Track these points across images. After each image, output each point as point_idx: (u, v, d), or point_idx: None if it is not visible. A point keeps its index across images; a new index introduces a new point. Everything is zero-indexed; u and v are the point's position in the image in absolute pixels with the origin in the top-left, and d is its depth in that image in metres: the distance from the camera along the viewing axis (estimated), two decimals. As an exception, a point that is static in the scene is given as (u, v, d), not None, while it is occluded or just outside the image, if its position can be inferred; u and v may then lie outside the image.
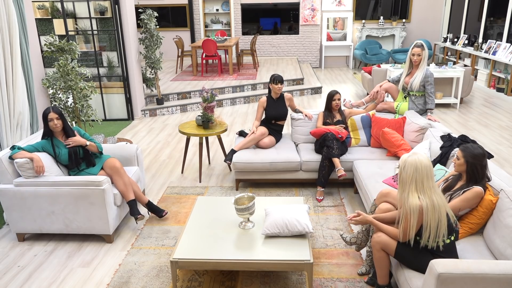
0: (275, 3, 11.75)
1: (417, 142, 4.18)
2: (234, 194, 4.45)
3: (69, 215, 3.52)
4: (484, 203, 2.75)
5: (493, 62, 8.73)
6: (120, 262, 3.35)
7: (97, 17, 6.93)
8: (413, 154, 2.46)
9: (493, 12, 9.38)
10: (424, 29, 11.91)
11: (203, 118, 4.66)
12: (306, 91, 8.93)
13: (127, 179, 3.71)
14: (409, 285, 2.45)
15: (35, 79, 4.45)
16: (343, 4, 11.68)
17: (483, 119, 6.97)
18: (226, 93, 8.49)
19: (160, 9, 11.80)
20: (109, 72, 7.19)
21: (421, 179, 2.41)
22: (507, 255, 2.47)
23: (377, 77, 7.62)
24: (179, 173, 5.04)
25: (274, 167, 4.36)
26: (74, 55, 4.72)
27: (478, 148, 2.77)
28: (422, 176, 2.41)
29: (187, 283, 3.07)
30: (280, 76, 4.52)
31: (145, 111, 7.50)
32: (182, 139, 6.26)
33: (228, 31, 12.16)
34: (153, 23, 6.87)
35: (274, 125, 4.72)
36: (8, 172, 3.48)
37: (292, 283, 3.05)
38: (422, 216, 2.42)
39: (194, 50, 9.37)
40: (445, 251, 2.48)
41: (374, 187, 3.65)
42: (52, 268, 3.31)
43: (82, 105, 4.83)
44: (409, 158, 2.44)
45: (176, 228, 3.82)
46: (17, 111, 3.91)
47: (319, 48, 12.07)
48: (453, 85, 7.59)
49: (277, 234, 2.95)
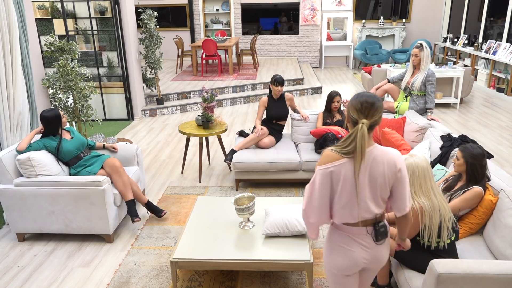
0: (275, 3, 11.75)
1: (417, 142, 4.18)
2: (234, 194, 4.45)
3: (69, 215, 3.52)
4: (484, 203, 2.75)
5: (493, 62, 8.73)
6: (120, 262, 3.35)
7: (97, 17, 6.92)
8: (410, 156, 2.44)
9: (493, 12, 9.38)
10: (424, 29, 11.91)
11: (203, 118, 4.66)
12: (306, 91, 8.93)
13: (127, 179, 3.71)
14: (409, 285, 2.46)
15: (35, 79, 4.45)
16: (343, 4, 11.68)
17: (483, 119, 6.97)
18: (226, 93, 8.49)
19: (160, 9, 11.80)
20: (109, 72, 7.19)
21: (419, 182, 2.41)
22: (507, 255, 2.47)
23: (377, 77, 7.62)
24: (179, 173, 5.04)
25: (274, 167, 4.36)
26: (74, 55, 4.72)
27: (477, 148, 2.77)
28: (419, 179, 2.40)
29: (187, 283, 3.07)
30: (281, 77, 4.50)
31: (145, 111, 7.50)
32: (182, 139, 6.26)
33: (228, 31, 12.16)
34: (153, 23, 6.87)
35: (274, 125, 4.72)
36: (8, 172, 3.48)
37: (292, 283, 3.05)
38: (421, 218, 2.42)
39: (194, 50, 9.37)
40: (445, 251, 2.48)
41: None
42: (52, 268, 3.31)
43: (82, 105, 4.83)
44: (406, 161, 2.42)
45: (176, 228, 3.82)
46: (17, 111, 3.91)
47: (319, 48, 12.07)
48: (453, 85, 7.59)
49: (277, 234, 2.95)
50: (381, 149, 1.89)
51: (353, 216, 1.92)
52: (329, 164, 1.87)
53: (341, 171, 1.86)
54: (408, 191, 1.94)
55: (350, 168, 1.85)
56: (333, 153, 1.88)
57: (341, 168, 1.86)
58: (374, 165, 1.86)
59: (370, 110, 1.83)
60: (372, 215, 1.93)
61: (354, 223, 1.94)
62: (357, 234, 1.96)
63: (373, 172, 1.86)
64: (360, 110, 1.84)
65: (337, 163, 1.86)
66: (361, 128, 1.80)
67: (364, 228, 1.95)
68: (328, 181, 1.89)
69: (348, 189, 1.87)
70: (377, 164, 1.86)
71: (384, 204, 1.95)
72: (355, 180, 1.85)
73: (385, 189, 1.90)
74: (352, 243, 1.97)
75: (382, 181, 1.88)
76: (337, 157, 1.87)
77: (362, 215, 1.91)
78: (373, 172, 1.86)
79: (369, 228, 1.96)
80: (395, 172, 1.88)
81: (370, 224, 1.96)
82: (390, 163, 1.87)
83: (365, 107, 1.84)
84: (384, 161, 1.87)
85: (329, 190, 1.91)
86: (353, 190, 1.87)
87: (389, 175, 1.88)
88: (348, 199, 1.89)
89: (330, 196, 1.92)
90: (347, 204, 1.90)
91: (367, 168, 1.86)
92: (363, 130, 1.80)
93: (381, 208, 1.94)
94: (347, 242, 1.98)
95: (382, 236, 1.96)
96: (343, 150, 1.86)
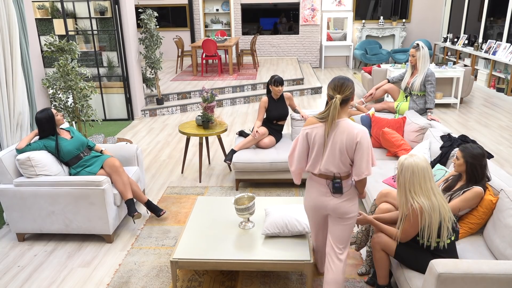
0: (275, 3, 11.75)
1: (417, 142, 4.18)
2: (234, 194, 4.45)
3: (69, 215, 3.52)
4: (484, 203, 2.75)
5: (493, 62, 8.73)
6: (120, 262, 3.35)
7: (97, 17, 6.93)
8: (410, 156, 2.45)
9: (493, 12, 9.38)
10: (424, 29, 11.91)
11: (203, 118, 4.66)
12: (306, 91, 8.93)
13: (126, 178, 3.72)
14: (409, 285, 2.46)
15: (35, 79, 4.45)
16: (343, 4, 11.68)
17: (483, 119, 6.97)
18: (226, 93, 8.49)
19: (160, 9, 11.80)
20: (109, 72, 7.19)
21: (418, 182, 2.40)
22: (507, 255, 2.47)
23: (377, 77, 7.62)
24: (179, 173, 5.04)
25: (274, 167, 4.36)
26: (74, 55, 4.72)
27: (477, 148, 2.77)
28: (419, 179, 2.40)
29: (187, 283, 3.07)
30: (280, 78, 4.48)
31: (145, 111, 7.50)
32: (182, 139, 6.26)
33: (228, 31, 12.16)
34: (153, 23, 6.87)
35: (275, 125, 4.72)
36: (8, 172, 3.48)
37: (292, 283, 3.05)
38: (421, 218, 2.42)
39: (194, 50, 9.37)
40: (445, 251, 2.48)
41: (374, 187, 3.65)
42: (52, 268, 3.31)
43: (82, 105, 4.83)
44: (406, 161, 2.43)
45: (176, 228, 3.82)
46: (17, 111, 3.91)
47: (319, 48, 12.07)
48: (453, 85, 7.59)
49: (277, 234, 2.95)
50: (347, 123, 2.38)
51: (316, 169, 2.50)
52: (308, 126, 2.49)
53: (314, 132, 2.45)
54: (365, 162, 2.36)
55: (321, 131, 2.42)
56: (313, 119, 2.48)
57: (314, 130, 2.45)
58: (338, 134, 2.38)
59: (341, 87, 2.37)
60: (330, 172, 2.45)
61: (318, 174, 2.51)
62: (318, 182, 2.54)
63: (335, 139, 2.39)
64: (334, 88, 2.39)
65: (313, 126, 2.46)
66: (334, 101, 2.35)
67: (324, 180, 2.51)
68: (305, 139, 2.50)
69: (316, 147, 2.45)
70: (340, 133, 2.37)
71: (344, 168, 2.44)
72: (324, 140, 2.41)
73: (344, 155, 2.39)
74: (314, 188, 2.57)
75: (341, 147, 2.37)
76: (315, 122, 2.46)
77: (322, 170, 2.46)
78: (335, 138, 2.38)
79: (328, 181, 2.49)
80: (354, 143, 2.35)
81: (330, 178, 2.48)
82: (350, 135, 2.35)
83: (337, 85, 2.38)
84: (345, 132, 2.36)
85: (306, 146, 2.52)
86: (320, 148, 2.44)
87: (347, 144, 2.36)
88: (315, 155, 2.47)
89: (306, 151, 2.53)
90: (314, 158, 2.49)
91: (332, 134, 2.39)
92: (336, 103, 2.35)
93: (339, 170, 2.44)
94: (311, 186, 2.59)
95: (336, 190, 2.47)
96: (320, 116, 2.44)
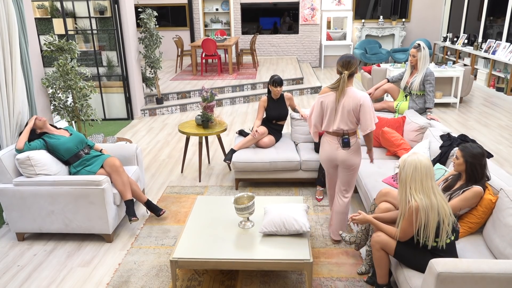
0: (275, 2, 11.74)
1: (417, 141, 4.18)
2: (233, 193, 4.45)
3: (69, 215, 3.52)
4: (483, 203, 2.75)
5: (493, 61, 8.73)
6: (119, 262, 3.35)
7: (96, 16, 6.92)
8: (413, 154, 2.46)
9: (493, 11, 9.38)
10: (424, 29, 11.91)
11: (203, 117, 4.66)
12: (306, 91, 8.93)
13: (126, 178, 3.71)
14: (409, 284, 2.46)
15: (34, 78, 4.44)
16: (343, 4, 11.68)
17: (483, 118, 6.97)
18: (226, 93, 8.49)
19: (159, 9, 11.79)
20: (109, 72, 7.19)
21: (420, 179, 2.41)
22: (506, 254, 2.47)
23: (377, 76, 7.61)
24: (179, 173, 5.04)
25: (273, 167, 4.36)
26: (74, 55, 4.72)
27: (477, 147, 2.78)
28: (421, 176, 2.41)
29: (187, 282, 3.07)
30: (280, 78, 4.48)
31: (144, 111, 7.50)
32: (182, 138, 6.26)
33: (228, 31, 12.15)
34: (153, 22, 6.87)
35: (274, 125, 4.72)
36: (8, 172, 3.48)
37: (291, 282, 3.05)
38: (417, 216, 2.42)
39: (194, 49, 9.36)
40: (445, 251, 2.48)
41: (374, 186, 3.65)
42: (52, 267, 3.31)
43: (81, 104, 4.83)
44: (409, 158, 2.45)
45: (176, 227, 3.82)
46: (16, 111, 3.91)
47: (318, 48, 12.07)
48: (453, 85, 7.59)
49: (274, 233, 2.95)
50: (352, 91, 3.07)
51: (331, 128, 3.18)
52: (322, 95, 3.18)
53: (326, 99, 3.15)
54: (369, 119, 3.04)
55: (332, 98, 3.12)
56: (326, 88, 3.17)
57: (327, 98, 3.15)
58: (346, 99, 3.07)
59: (348, 65, 3.04)
60: (340, 130, 3.15)
61: (331, 132, 3.20)
62: (331, 138, 3.23)
63: (344, 103, 3.07)
64: (342, 65, 3.05)
65: (326, 95, 3.16)
66: (343, 76, 3.04)
67: (335, 137, 3.20)
68: (320, 106, 3.20)
69: (329, 110, 3.14)
70: (347, 98, 3.07)
71: (352, 126, 3.13)
72: (336, 105, 3.10)
73: (351, 115, 3.08)
74: (327, 144, 3.26)
75: (349, 109, 3.06)
76: (328, 91, 3.15)
77: (335, 128, 3.15)
78: (344, 103, 3.07)
79: (339, 138, 3.19)
80: (358, 105, 3.04)
81: (340, 135, 3.18)
82: (355, 99, 3.04)
83: (345, 63, 3.05)
84: (351, 97, 3.05)
85: (320, 111, 3.21)
86: (332, 111, 3.14)
87: (353, 106, 3.05)
88: (329, 117, 3.16)
89: (321, 115, 3.22)
90: (328, 119, 3.17)
91: (341, 100, 3.08)
92: (344, 77, 3.04)
93: (347, 127, 3.13)
94: (325, 142, 3.28)
95: (345, 145, 3.16)
96: (332, 86, 3.13)
